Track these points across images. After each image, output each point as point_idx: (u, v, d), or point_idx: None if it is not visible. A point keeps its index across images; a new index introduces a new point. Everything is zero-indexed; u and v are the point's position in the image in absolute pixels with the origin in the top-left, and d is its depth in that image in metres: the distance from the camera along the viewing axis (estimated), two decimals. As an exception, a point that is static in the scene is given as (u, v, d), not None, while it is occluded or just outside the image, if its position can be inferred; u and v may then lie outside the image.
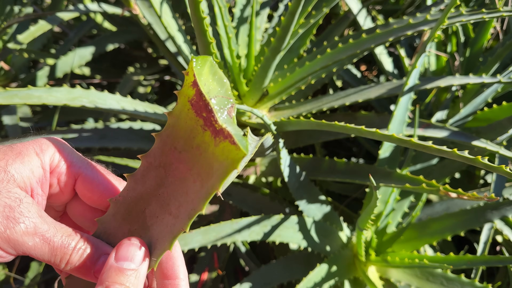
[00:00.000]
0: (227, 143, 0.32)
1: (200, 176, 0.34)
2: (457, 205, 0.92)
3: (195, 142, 0.34)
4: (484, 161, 0.55)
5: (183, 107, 0.34)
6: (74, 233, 0.37)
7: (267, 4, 0.98)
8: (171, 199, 0.36)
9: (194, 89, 0.33)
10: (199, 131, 0.34)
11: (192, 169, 0.35)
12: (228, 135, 0.32)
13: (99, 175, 0.41)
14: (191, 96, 0.34)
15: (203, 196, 0.34)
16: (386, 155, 0.86)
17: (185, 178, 0.35)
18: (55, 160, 0.40)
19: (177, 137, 0.35)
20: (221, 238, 0.76)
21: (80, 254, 0.36)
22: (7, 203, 0.34)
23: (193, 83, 0.33)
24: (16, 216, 0.34)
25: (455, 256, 0.77)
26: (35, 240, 0.34)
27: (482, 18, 0.75)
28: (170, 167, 0.36)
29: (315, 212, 0.85)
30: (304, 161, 0.92)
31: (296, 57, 0.93)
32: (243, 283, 0.80)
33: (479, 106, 0.96)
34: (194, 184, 0.35)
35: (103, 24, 1.28)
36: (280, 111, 0.93)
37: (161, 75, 1.30)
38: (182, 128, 0.35)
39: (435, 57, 1.10)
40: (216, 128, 0.32)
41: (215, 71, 0.36)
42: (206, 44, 0.66)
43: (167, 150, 0.36)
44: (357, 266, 0.84)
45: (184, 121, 0.35)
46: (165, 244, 0.36)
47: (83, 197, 0.42)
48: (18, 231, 0.34)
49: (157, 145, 0.36)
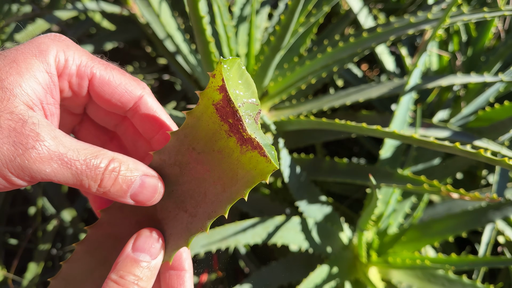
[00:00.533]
0: (256, 154, 0.32)
1: (221, 180, 0.34)
2: (459, 206, 0.91)
3: (217, 146, 0.34)
4: (487, 154, 0.54)
5: (205, 109, 0.34)
6: (103, 152, 0.32)
7: (267, 2, 0.97)
8: (186, 197, 0.36)
9: (221, 94, 0.33)
10: (222, 135, 0.34)
11: (212, 171, 0.35)
12: (258, 146, 0.32)
13: (116, 75, 0.36)
14: (217, 100, 0.33)
15: (225, 200, 0.34)
16: (388, 155, 0.85)
17: (203, 178, 0.35)
18: (61, 60, 0.34)
19: (197, 138, 0.35)
20: (225, 240, 0.76)
21: (113, 176, 0.32)
22: (12, 126, 0.29)
23: (220, 87, 0.32)
24: (24, 141, 0.29)
25: (456, 257, 0.76)
26: (52, 165, 0.29)
27: (484, 17, 0.74)
28: (186, 167, 0.36)
29: (315, 213, 0.84)
30: (304, 161, 0.92)
31: (296, 56, 0.93)
32: (243, 284, 0.79)
33: (481, 106, 0.95)
34: (214, 186, 0.35)
35: (102, 23, 1.28)
36: (280, 110, 0.92)
37: (160, 74, 1.30)
38: (203, 130, 0.34)
39: (437, 56, 1.09)
40: (243, 137, 0.33)
41: (242, 73, 0.35)
42: (205, 43, 0.65)
43: (184, 150, 0.35)
44: (358, 268, 0.83)
45: (205, 123, 0.34)
46: (181, 240, 0.36)
47: (99, 101, 0.36)
48: (30, 159, 0.29)
49: (173, 144, 0.36)
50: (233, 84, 0.33)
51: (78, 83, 0.35)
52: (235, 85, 0.34)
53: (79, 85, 0.35)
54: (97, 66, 0.35)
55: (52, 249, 1.16)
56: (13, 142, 0.28)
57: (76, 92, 0.36)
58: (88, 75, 0.35)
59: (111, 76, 0.36)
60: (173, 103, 1.27)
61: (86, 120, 0.41)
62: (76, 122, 0.41)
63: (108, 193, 0.33)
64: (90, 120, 0.41)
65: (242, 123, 0.32)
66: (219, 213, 0.34)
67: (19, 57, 0.31)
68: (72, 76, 0.34)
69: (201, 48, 0.68)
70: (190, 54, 0.89)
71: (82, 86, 0.35)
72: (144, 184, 0.34)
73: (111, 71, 0.36)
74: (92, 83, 0.35)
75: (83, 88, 0.35)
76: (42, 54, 0.32)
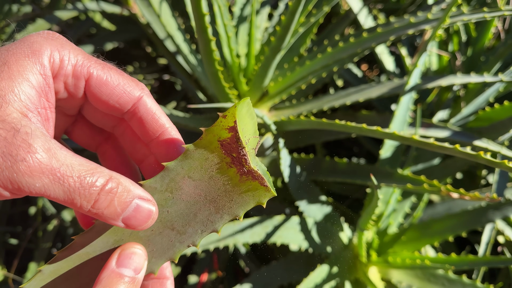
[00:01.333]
0: (256, 183, 0.34)
1: (215, 203, 0.35)
2: (459, 206, 0.91)
3: (214, 174, 0.35)
4: (487, 156, 0.54)
5: (209, 144, 0.35)
6: (100, 170, 0.30)
7: (267, 2, 0.97)
8: (174, 217, 0.36)
9: (230, 133, 0.34)
10: (223, 166, 0.35)
11: (206, 196, 0.36)
12: (259, 177, 0.34)
13: (114, 75, 0.34)
14: (224, 137, 0.35)
15: (218, 220, 0.35)
16: (388, 155, 0.85)
17: (195, 201, 0.36)
18: (56, 60, 0.32)
19: (194, 168, 0.36)
20: (224, 239, 0.76)
21: (109, 198, 0.30)
22: (2, 135, 0.27)
23: (230, 128, 0.34)
24: (14, 152, 0.27)
25: (456, 256, 0.76)
26: (43, 180, 0.27)
27: (484, 17, 0.74)
28: (178, 192, 0.36)
29: (315, 212, 0.85)
30: (304, 161, 0.92)
31: (296, 56, 0.93)
32: (243, 284, 0.79)
33: (481, 106, 0.96)
34: (206, 208, 0.36)
35: (102, 23, 1.28)
36: (280, 110, 0.92)
37: (160, 74, 1.30)
38: (202, 162, 0.36)
39: (437, 56, 1.09)
40: (245, 169, 0.34)
41: (249, 109, 0.37)
42: (206, 41, 0.65)
43: (179, 179, 0.36)
44: (358, 267, 0.83)
45: (206, 156, 0.35)
46: (169, 254, 0.36)
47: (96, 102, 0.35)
48: (19, 172, 0.27)
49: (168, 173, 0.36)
50: (241, 122, 0.35)
51: (74, 84, 0.33)
52: (243, 124, 0.35)
53: (75, 86, 0.33)
54: (94, 66, 0.33)
55: (52, 249, 1.16)
56: (1, 153, 0.27)
57: (72, 93, 0.34)
58: (84, 75, 0.33)
59: (108, 76, 0.34)
60: (173, 103, 1.27)
61: (80, 120, 0.39)
62: (70, 123, 0.39)
63: (100, 215, 0.31)
64: (85, 120, 0.39)
65: (246, 158, 0.34)
66: (210, 231, 0.35)
67: (10, 59, 0.29)
68: (68, 76, 0.33)
69: (202, 47, 0.68)
70: (191, 54, 0.89)
71: (78, 87, 0.34)
72: (139, 209, 0.32)
73: (109, 71, 0.34)
74: (88, 83, 0.33)
75: (79, 89, 0.34)
76: (35, 54, 0.30)
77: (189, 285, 0.94)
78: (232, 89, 0.83)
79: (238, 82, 0.85)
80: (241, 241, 0.77)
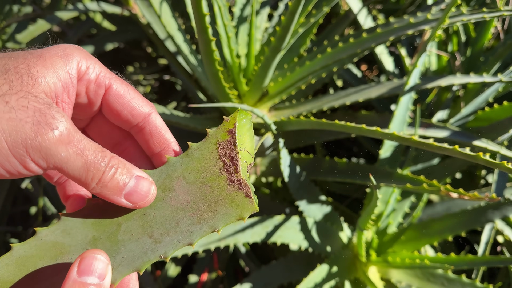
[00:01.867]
0: (241, 194, 0.35)
1: (199, 212, 0.36)
2: (458, 205, 0.91)
3: (206, 180, 0.36)
4: (486, 157, 0.55)
5: (209, 145, 0.37)
6: (105, 149, 0.34)
7: (267, 3, 0.98)
8: (156, 222, 0.36)
9: (229, 135, 0.36)
10: (215, 172, 0.36)
11: (193, 203, 0.36)
12: (246, 188, 0.35)
13: (130, 90, 0.38)
14: (222, 139, 0.37)
15: (197, 232, 0.35)
16: (387, 155, 0.86)
17: (181, 208, 0.36)
18: (83, 66, 0.36)
19: (191, 168, 0.37)
20: (224, 239, 0.76)
21: (112, 173, 0.33)
22: (37, 107, 0.30)
23: (230, 130, 0.37)
24: (49, 121, 0.30)
25: (456, 256, 0.77)
26: (68, 151, 0.31)
27: (483, 18, 0.74)
28: (170, 193, 0.36)
29: (315, 212, 0.85)
30: (304, 161, 0.92)
31: (296, 57, 0.93)
32: (243, 283, 0.79)
33: (480, 106, 0.96)
34: (190, 216, 0.36)
35: (103, 24, 1.28)
36: (280, 110, 0.92)
37: (161, 74, 1.30)
38: (199, 163, 0.37)
39: (436, 57, 1.09)
40: (234, 177, 0.36)
41: (250, 128, 0.39)
42: (207, 42, 0.65)
43: (175, 176, 0.37)
44: (358, 267, 0.84)
45: (203, 158, 0.37)
46: (136, 264, 0.35)
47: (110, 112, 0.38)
48: (51, 139, 0.30)
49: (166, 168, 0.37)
50: (241, 131, 0.37)
51: (95, 90, 0.37)
52: (243, 134, 0.37)
53: (95, 92, 0.37)
54: (115, 79, 0.38)
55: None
56: (37, 122, 0.30)
57: (90, 100, 0.38)
58: (106, 84, 0.37)
59: (126, 90, 0.38)
60: (174, 103, 1.28)
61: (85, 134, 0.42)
62: None
63: (104, 190, 0.33)
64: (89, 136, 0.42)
65: (238, 164, 0.36)
66: (185, 243, 0.35)
67: (45, 54, 0.34)
68: (91, 82, 0.36)
69: (202, 48, 0.68)
70: (191, 54, 0.89)
71: (98, 94, 0.37)
72: (138, 185, 0.35)
73: (127, 86, 0.38)
74: (108, 92, 0.37)
75: (98, 96, 0.37)
76: (67, 57, 0.35)
77: (189, 285, 0.94)
78: (232, 89, 0.84)
79: (238, 82, 0.85)
80: (242, 241, 0.77)
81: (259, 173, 1.00)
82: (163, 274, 1.00)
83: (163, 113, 0.82)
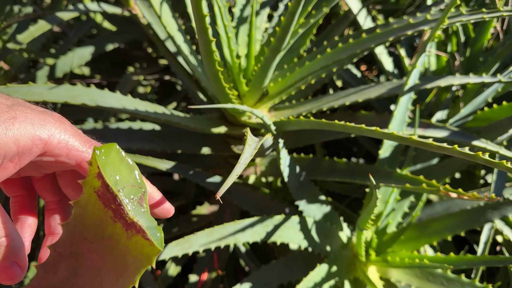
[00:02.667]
0: (140, 238, 0.31)
1: (114, 268, 0.33)
2: (457, 205, 0.91)
3: (106, 233, 0.33)
4: (485, 157, 0.55)
5: (89, 197, 0.33)
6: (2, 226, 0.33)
7: (267, 3, 0.98)
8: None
9: (99, 180, 0.32)
10: (109, 222, 0.33)
11: (106, 260, 0.34)
12: (141, 230, 0.31)
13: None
14: (97, 187, 0.32)
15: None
16: (386, 155, 0.86)
17: (99, 268, 0.34)
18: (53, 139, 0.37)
19: (86, 227, 0.34)
20: (224, 238, 0.76)
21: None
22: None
23: (98, 174, 0.32)
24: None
25: (455, 256, 0.77)
26: None
27: (483, 18, 0.74)
28: (81, 257, 0.35)
29: (315, 212, 0.85)
30: (304, 161, 0.92)
31: (296, 57, 0.93)
32: (243, 283, 0.80)
33: (480, 106, 0.96)
34: (108, 275, 0.34)
35: (103, 24, 1.28)
36: (280, 111, 0.93)
37: (161, 75, 1.30)
38: (90, 219, 0.34)
39: (435, 57, 1.10)
40: (127, 221, 0.32)
41: (122, 158, 0.34)
42: (207, 42, 0.66)
43: (76, 240, 0.34)
44: (357, 266, 0.84)
45: (91, 212, 0.33)
46: None
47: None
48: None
49: (65, 235, 0.35)
50: (111, 169, 0.33)
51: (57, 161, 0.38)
52: (115, 170, 0.33)
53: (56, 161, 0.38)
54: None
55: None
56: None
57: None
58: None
59: None
60: (174, 104, 1.28)
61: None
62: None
63: None
64: None
65: (123, 207, 0.32)
66: None
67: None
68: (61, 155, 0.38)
69: (202, 48, 0.68)
70: (191, 54, 0.90)
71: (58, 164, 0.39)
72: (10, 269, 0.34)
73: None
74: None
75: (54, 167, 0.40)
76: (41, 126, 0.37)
77: (189, 284, 0.94)
78: (232, 89, 0.84)
79: (238, 83, 0.85)
80: (242, 240, 0.78)
81: (259, 173, 1.00)
82: (163, 274, 1.01)
83: (164, 113, 0.83)
